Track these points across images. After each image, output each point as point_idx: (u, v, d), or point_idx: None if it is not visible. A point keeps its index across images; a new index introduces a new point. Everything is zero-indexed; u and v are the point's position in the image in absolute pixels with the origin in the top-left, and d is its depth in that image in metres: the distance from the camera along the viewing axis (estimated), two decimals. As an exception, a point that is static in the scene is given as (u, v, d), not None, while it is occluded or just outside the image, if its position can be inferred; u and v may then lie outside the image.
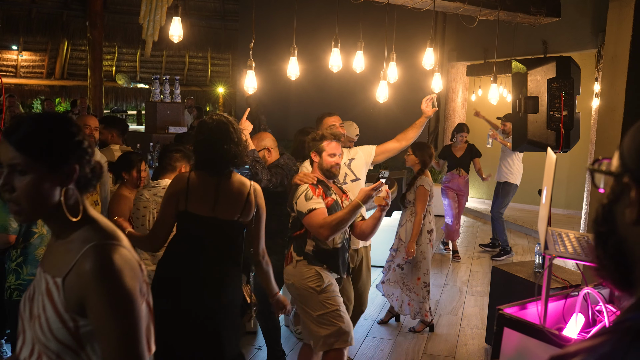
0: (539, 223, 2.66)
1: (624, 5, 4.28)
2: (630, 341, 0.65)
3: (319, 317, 2.84)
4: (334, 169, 2.99)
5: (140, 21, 7.63)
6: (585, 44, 7.39)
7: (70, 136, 1.26)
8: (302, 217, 2.83)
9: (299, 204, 2.85)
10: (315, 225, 2.78)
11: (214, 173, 2.48)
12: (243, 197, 2.50)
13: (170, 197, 2.47)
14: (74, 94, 14.14)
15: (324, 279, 2.86)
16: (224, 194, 2.47)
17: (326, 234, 2.76)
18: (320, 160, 3.01)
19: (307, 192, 2.86)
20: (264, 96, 8.62)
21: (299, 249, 2.93)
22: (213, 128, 2.47)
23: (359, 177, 3.63)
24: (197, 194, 2.45)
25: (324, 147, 2.99)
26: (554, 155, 2.64)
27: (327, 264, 2.91)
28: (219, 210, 2.45)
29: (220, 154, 2.44)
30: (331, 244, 2.90)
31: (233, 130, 2.48)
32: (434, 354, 4.08)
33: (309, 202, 2.82)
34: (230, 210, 2.47)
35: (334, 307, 2.85)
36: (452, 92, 10.35)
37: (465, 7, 5.01)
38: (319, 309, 2.84)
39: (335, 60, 3.97)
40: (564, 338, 2.19)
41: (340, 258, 2.97)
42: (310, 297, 2.85)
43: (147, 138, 6.55)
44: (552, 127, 3.62)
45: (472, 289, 5.65)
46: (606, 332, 0.71)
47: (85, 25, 10.56)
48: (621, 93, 4.22)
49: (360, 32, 4.10)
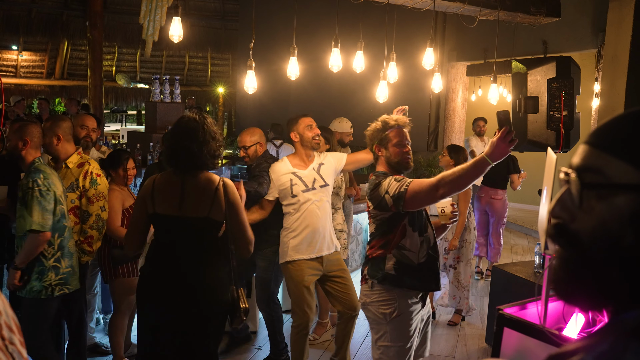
0: (539, 223, 2.66)
1: (624, 5, 4.28)
2: (628, 339, 0.65)
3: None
4: (406, 161, 2.60)
5: (140, 21, 7.63)
6: (585, 44, 7.39)
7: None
8: (403, 195, 2.40)
9: (391, 187, 2.44)
10: (427, 186, 2.35)
11: (178, 172, 2.49)
12: (210, 194, 2.48)
13: (139, 200, 2.56)
14: (74, 94, 14.13)
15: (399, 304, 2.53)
16: (190, 192, 2.48)
17: (443, 191, 2.32)
18: (387, 154, 2.61)
19: (394, 177, 2.53)
20: (264, 96, 8.62)
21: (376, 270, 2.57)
22: (180, 127, 2.49)
23: (328, 182, 3.48)
24: (163, 195, 2.48)
25: (389, 136, 2.60)
26: (554, 155, 2.64)
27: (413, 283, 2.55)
28: (185, 208, 2.46)
29: (183, 152, 2.45)
30: (416, 258, 2.53)
31: (203, 130, 2.46)
32: (434, 354, 4.08)
33: (402, 181, 2.46)
34: (197, 208, 2.47)
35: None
36: (452, 92, 10.35)
37: (465, 7, 5.01)
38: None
39: (335, 60, 3.97)
40: (564, 338, 2.20)
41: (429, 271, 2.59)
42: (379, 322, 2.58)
43: (147, 138, 6.54)
44: (552, 127, 3.62)
45: (472, 289, 5.64)
46: (604, 331, 0.70)
47: (85, 25, 10.57)
48: (621, 93, 4.22)
49: (360, 32, 4.10)
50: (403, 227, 2.52)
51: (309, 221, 3.36)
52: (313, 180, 3.42)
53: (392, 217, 2.52)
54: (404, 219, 2.52)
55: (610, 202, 0.70)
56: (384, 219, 2.54)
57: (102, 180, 3.31)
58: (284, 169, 3.43)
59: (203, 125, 2.48)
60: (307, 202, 3.37)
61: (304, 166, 3.45)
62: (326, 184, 3.47)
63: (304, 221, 3.37)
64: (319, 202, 3.39)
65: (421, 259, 2.53)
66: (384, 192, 2.47)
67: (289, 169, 3.42)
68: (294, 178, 3.39)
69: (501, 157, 2.24)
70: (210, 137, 2.48)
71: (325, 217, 3.43)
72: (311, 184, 3.40)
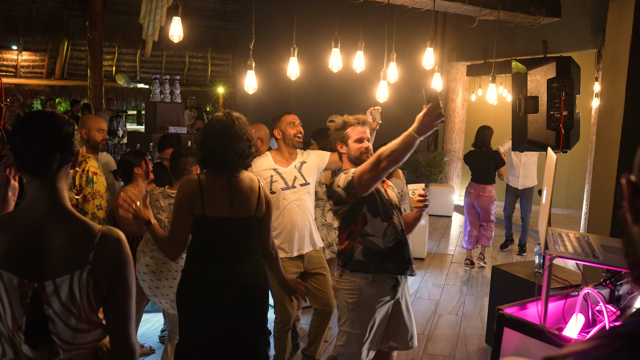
0: (539, 223, 2.66)
1: (624, 5, 4.28)
2: (620, 347, 0.65)
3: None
4: (365, 156, 2.70)
5: (140, 21, 7.63)
6: (585, 44, 7.39)
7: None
8: (352, 182, 2.55)
9: (341, 180, 2.61)
10: (368, 165, 2.48)
11: (223, 173, 2.46)
12: (256, 193, 2.51)
13: (183, 202, 2.40)
14: (74, 94, 14.14)
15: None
16: (238, 193, 2.47)
17: (384, 165, 2.43)
18: (348, 150, 2.76)
19: (344, 171, 2.67)
20: (264, 96, 8.62)
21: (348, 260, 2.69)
22: (207, 129, 2.47)
23: (309, 181, 3.47)
24: (213, 197, 2.42)
25: (348, 134, 2.75)
26: (554, 155, 2.64)
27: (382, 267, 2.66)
28: (235, 209, 2.45)
29: (224, 153, 2.42)
30: (382, 243, 2.64)
31: (238, 128, 2.45)
32: (434, 354, 4.08)
33: (348, 172, 2.61)
34: (246, 208, 2.47)
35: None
36: (452, 92, 10.36)
37: (465, 7, 5.01)
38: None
39: (335, 60, 3.97)
40: (564, 338, 2.20)
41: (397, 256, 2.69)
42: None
43: (147, 138, 6.54)
44: (552, 127, 3.62)
45: (472, 289, 5.65)
46: (600, 337, 0.70)
47: (85, 25, 10.58)
48: (621, 93, 4.21)
49: (360, 32, 4.10)
50: (363, 216, 2.65)
51: (289, 219, 3.38)
52: (294, 178, 3.42)
53: (352, 208, 2.65)
54: (363, 208, 2.65)
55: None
56: (345, 212, 2.68)
57: (99, 179, 3.29)
58: (266, 164, 3.44)
59: (231, 126, 2.45)
60: (285, 200, 3.38)
61: (285, 163, 3.45)
62: (307, 182, 3.47)
63: (283, 219, 3.38)
64: (298, 201, 3.40)
65: (388, 243, 2.64)
66: (336, 187, 2.62)
67: (271, 164, 3.43)
68: (275, 175, 3.40)
69: (427, 132, 2.34)
70: (237, 139, 2.44)
71: (306, 216, 3.44)
72: (291, 182, 3.41)
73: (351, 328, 2.68)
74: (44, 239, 1.43)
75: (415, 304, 5.12)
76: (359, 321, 2.67)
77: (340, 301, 2.72)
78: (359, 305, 2.65)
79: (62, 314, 1.42)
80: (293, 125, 3.42)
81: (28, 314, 1.40)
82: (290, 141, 3.43)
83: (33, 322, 1.42)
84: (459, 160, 10.37)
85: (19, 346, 1.42)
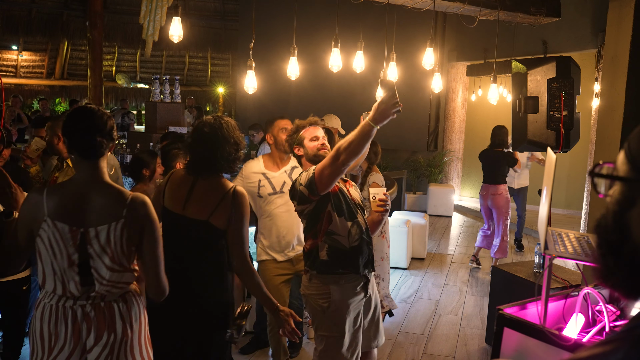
0: (539, 223, 2.66)
1: (624, 5, 4.28)
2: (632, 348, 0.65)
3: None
4: (322, 152, 2.72)
5: (140, 21, 7.63)
6: (585, 44, 7.39)
7: None
8: (313, 178, 2.55)
9: (302, 178, 2.62)
10: (328, 160, 2.48)
11: (191, 173, 2.51)
12: (216, 199, 2.45)
13: (157, 192, 2.65)
14: (74, 94, 14.14)
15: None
16: (197, 194, 2.48)
17: (343, 158, 2.43)
18: (305, 151, 2.78)
19: (304, 170, 2.69)
20: (264, 96, 8.62)
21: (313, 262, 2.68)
22: (195, 131, 2.51)
23: None
24: (172, 191, 2.52)
25: (302, 135, 2.79)
26: (554, 155, 2.64)
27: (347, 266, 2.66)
28: (188, 209, 2.46)
29: (195, 156, 2.48)
30: (347, 242, 2.64)
31: (222, 135, 2.46)
32: (434, 354, 4.08)
33: (309, 169, 2.62)
34: (199, 210, 2.45)
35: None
36: (452, 92, 10.35)
37: (465, 7, 5.01)
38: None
39: (335, 60, 3.97)
40: (564, 338, 2.19)
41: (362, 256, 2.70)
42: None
43: (147, 138, 6.55)
44: (552, 127, 3.62)
45: (472, 289, 5.65)
46: (617, 339, 0.69)
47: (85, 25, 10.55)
48: (621, 93, 4.21)
49: (360, 32, 4.10)
50: (328, 214, 2.64)
51: (277, 224, 3.38)
52: (282, 183, 3.40)
53: (316, 207, 2.64)
54: (327, 206, 2.64)
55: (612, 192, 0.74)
56: (310, 212, 2.67)
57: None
58: (256, 167, 3.45)
59: (218, 129, 2.47)
60: (272, 204, 3.38)
61: (275, 168, 3.45)
62: None
63: (272, 224, 3.39)
64: (286, 205, 3.36)
65: (353, 242, 2.64)
66: (298, 185, 2.62)
67: (261, 168, 3.44)
68: (263, 179, 3.40)
69: (384, 120, 2.35)
70: (224, 142, 2.46)
71: (294, 220, 3.39)
72: (279, 187, 3.40)
73: (329, 331, 2.65)
74: (87, 200, 1.93)
75: (415, 304, 5.12)
76: (336, 323, 2.64)
77: (312, 307, 2.69)
78: (332, 307, 2.63)
79: (100, 253, 1.90)
80: (285, 131, 3.36)
81: (78, 252, 1.89)
82: (281, 146, 3.38)
83: (81, 264, 1.90)
84: (459, 160, 10.37)
85: (67, 284, 1.90)
